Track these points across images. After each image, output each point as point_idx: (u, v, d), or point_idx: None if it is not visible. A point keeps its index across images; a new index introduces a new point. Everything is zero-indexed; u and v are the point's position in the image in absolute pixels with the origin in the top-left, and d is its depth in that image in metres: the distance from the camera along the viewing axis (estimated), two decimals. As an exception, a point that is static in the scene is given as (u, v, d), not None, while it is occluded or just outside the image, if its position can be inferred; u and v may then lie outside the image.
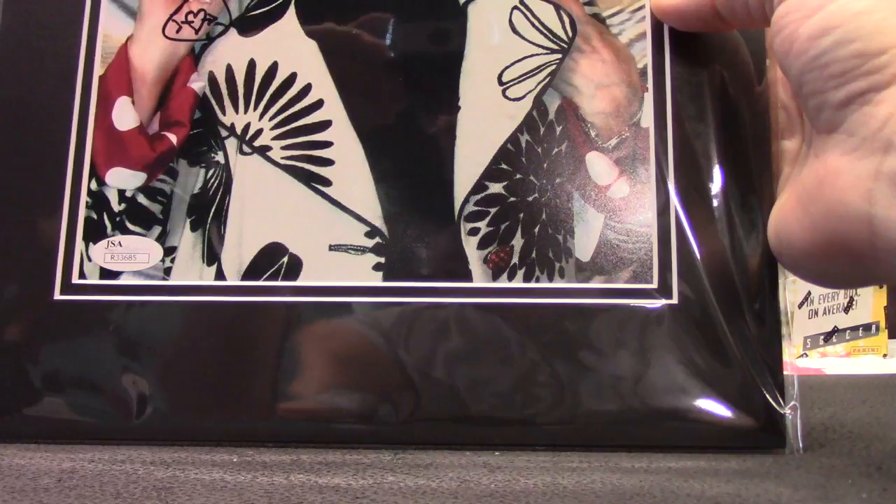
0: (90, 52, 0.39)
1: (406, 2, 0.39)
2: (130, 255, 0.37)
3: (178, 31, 0.39)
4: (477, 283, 0.37)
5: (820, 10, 0.31)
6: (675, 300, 0.36)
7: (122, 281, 0.37)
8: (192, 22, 0.39)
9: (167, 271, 0.37)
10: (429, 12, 0.39)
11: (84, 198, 0.38)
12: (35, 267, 0.37)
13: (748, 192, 0.37)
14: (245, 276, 0.37)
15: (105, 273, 0.37)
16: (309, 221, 0.37)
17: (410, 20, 0.39)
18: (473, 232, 0.37)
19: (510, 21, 0.39)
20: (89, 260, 0.37)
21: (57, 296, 0.37)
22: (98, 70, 0.39)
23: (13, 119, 0.39)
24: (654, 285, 0.36)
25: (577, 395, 0.35)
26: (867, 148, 0.30)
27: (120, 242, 0.37)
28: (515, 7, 0.39)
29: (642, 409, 0.35)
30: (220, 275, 0.37)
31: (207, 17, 0.39)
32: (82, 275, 0.37)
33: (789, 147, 0.37)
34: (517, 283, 0.37)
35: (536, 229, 0.37)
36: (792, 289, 0.38)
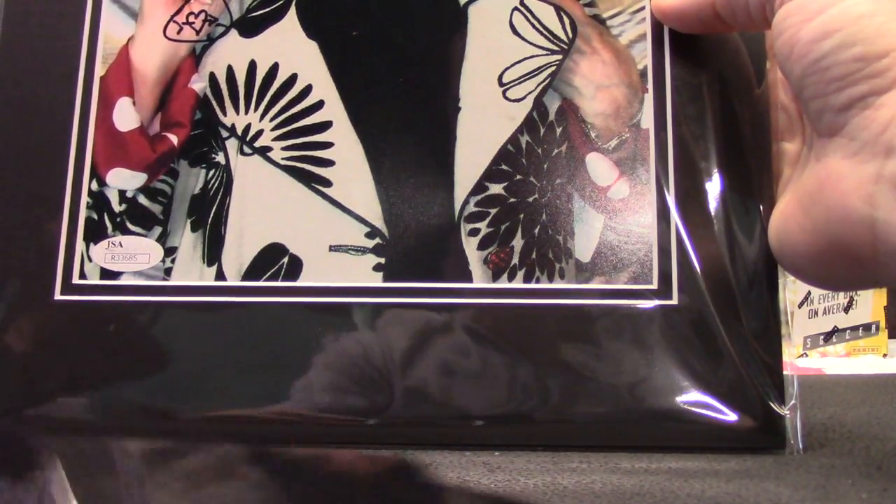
0: (91, 52, 0.39)
1: (407, 2, 0.39)
2: (131, 256, 0.37)
3: (179, 32, 0.39)
4: (477, 283, 0.37)
5: (821, 13, 0.31)
6: (674, 301, 0.36)
7: (122, 281, 0.37)
8: (193, 23, 0.39)
9: (167, 272, 0.37)
10: (429, 13, 0.39)
11: (85, 198, 0.38)
12: (35, 267, 0.37)
13: (748, 193, 0.37)
14: (245, 277, 0.37)
15: (105, 273, 0.37)
16: (309, 222, 0.37)
17: (411, 21, 0.39)
18: (474, 233, 0.37)
19: (511, 22, 0.39)
20: (90, 260, 0.37)
21: (57, 296, 0.37)
22: (99, 71, 0.39)
23: (14, 119, 0.38)
24: (654, 286, 0.36)
25: (576, 396, 0.35)
26: (869, 151, 0.30)
27: (120, 243, 0.37)
28: (516, 8, 0.39)
29: (642, 409, 0.35)
30: (220, 275, 0.37)
31: (208, 18, 0.39)
32: (83, 275, 0.37)
33: (789, 149, 0.37)
34: (517, 284, 0.37)
35: (536, 230, 0.37)
36: (792, 288, 0.38)
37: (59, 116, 0.38)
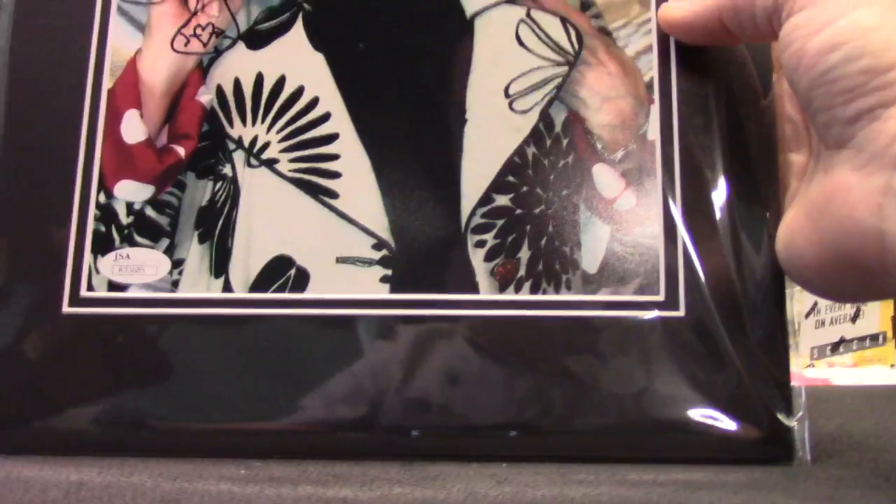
0: (99, 65, 0.39)
1: (413, 14, 0.39)
2: (138, 268, 0.37)
3: (186, 45, 0.39)
4: (484, 295, 0.37)
5: (828, 25, 0.31)
6: (681, 313, 0.36)
7: (130, 294, 0.37)
8: (201, 35, 0.39)
9: (175, 284, 0.37)
10: (436, 25, 0.39)
11: (92, 210, 0.38)
12: (44, 279, 0.37)
13: (754, 204, 0.37)
14: (252, 289, 0.37)
15: (113, 286, 0.37)
16: (316, 234, 0.37)
17: (417, 33, 0.39)
18: (480, 244, 0.37)
19: (517, 34, 0.39)
20: (97, 273, 0.37)
21: (65, 308, 0.37)
22: (107, 83, 0.39)
23: (22, 132, 0.39)
24: (661, 298, 0.36)
25: (584, 407, 0.35)
26: (877, 164, 0.30)
27: (128, 255, 0.37)
28: (522, 20, 0.39)
29: (648, 421, 0.35)
30: (227, 287, 0.37)
31: (215, 30, 0.39)
32: (91, 287, 0.37)
33: (796, 160, 0.37)
34: (524, 296, 0.37)
35: (543, 241, 0.37)
36: (798, 298, 0.37)
37: (67, 129, 0.38)
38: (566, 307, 0.36)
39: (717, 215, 0.37)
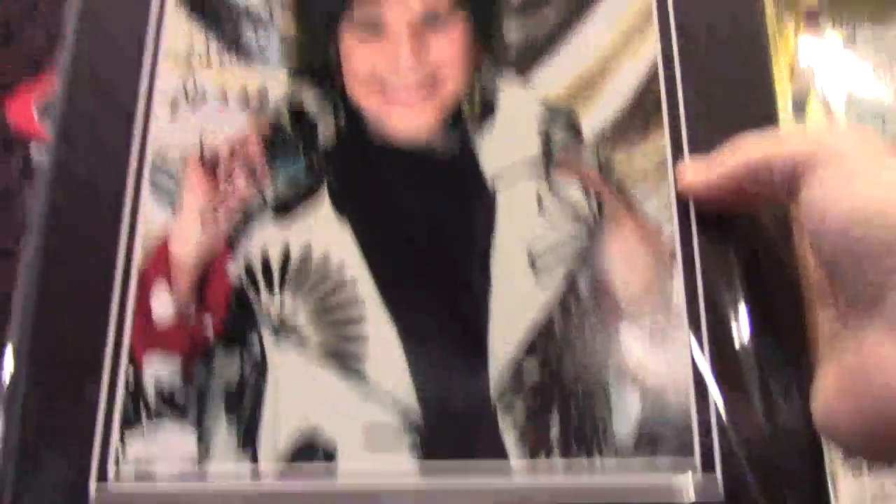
0: (130, 239, 0.40)
1: (437, 182, 0.40)
2: (166, 445, 0.37)
3: (215, 220, 0.40)
4: (514, 463, 0.36)
5: (849, 190, 0.31)
6: (717, 477, 0.35)
7: (157, 470, 0.36)
8: (229, 209, 0.40)
9: (202, 460, 0.37)
10: (459, 192, 0.40)
11: (121, 386, 0.38)
12: (71, 459, 0.37)
13: (784, 363, 0.36)
14: (280, 461, 0.36)
15: (140, 464, 0.37)
16: (343, 404, 0.37)
17: (441, 200, 0.40)
18: (510, 411, 0.37)
19: (538, 200, 0.40)
20: (124, 452, 0.37)
21: (92, 490, 0.36)
22: (137, 257, 0.39)
23: (54, 307, 0.39)
24: (696, 462, 0.35)
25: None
26: None
27: (156, 432, 0.37)
28: (543, 186, 0.40)
29: None
30: (255, 462, 0.37)
31: (244, 205, 0.40)
32: (117, 465, 0.37)
33: (823, 317, 0.37)
34: (555, 464, 0.36)
35: (573, 407, 0.37)
36: (834, 450, 0.37)
37: (97, 304, 0.39)
38: (599, 475, 0.36)
39: (748, 375, 0.36)
